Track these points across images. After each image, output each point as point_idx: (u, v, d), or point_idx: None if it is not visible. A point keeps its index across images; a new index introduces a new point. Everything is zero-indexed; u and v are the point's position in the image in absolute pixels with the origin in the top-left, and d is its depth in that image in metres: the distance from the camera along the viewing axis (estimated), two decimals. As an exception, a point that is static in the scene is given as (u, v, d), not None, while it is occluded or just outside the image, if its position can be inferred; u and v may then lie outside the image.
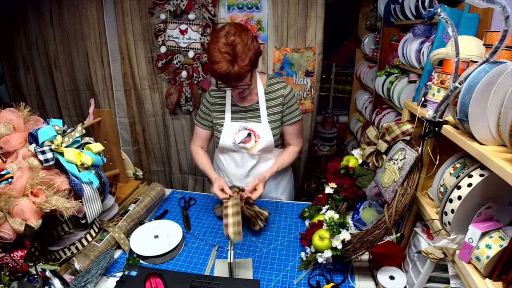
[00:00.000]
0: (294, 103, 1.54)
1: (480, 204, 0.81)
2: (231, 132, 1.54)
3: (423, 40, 1.70)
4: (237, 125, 1.53)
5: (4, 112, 1.09)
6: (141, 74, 2.49)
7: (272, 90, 1.51)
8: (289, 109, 1.54)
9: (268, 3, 2.19)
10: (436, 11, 0.84)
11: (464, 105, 0.80)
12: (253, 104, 1.52)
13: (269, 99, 1.51)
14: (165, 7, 2.26)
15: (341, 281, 1.18)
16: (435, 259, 0.94)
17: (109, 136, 1.52)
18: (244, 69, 1.28)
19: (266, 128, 1.52)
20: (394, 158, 1.16)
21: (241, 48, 1.27)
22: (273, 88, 1.52)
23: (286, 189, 1.75)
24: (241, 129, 1.53)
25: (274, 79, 1.54)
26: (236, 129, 1.54)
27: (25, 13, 2.46)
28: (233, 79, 1.31)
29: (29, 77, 2.69)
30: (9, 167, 0.99)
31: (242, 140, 1.53)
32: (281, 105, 1.52)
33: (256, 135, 1.53)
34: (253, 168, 1.61)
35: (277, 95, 1.51)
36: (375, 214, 1.30)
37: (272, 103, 1.52)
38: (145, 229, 1.38)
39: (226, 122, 1.54)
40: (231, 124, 1.54)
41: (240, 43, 1.27)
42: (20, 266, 0.99)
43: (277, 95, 1.51)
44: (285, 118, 1.55)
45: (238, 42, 1.26)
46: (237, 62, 1.27)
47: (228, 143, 1.56)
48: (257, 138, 1.53)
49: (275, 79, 1.54)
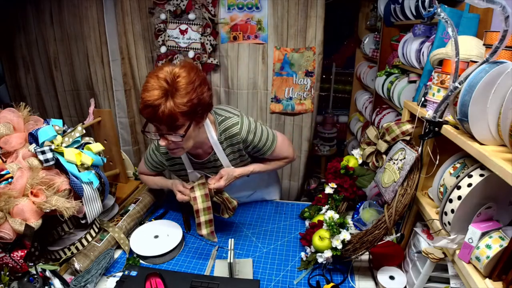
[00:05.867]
0: (258, 140, 1.28)
1: (480, 204, 0.81)
2: (197, 176, 1.34)
3: (423, 40, 1.69)
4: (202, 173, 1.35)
5: (4, 112, 1.09)
6: (141, 74, 2.49)
7: (227, 137, 1.26)
8: (256, 148, 1.31)
9: (268, 3, 2.19)
10: (436, 11, 0.84)
11: (464, 105, 0.80)
12: (211, 156, 1.31)
13: (226, 146, 1.29)
14: (165, 7, 2.26)
15: (341, 281, 1.18)
16: (435, 259, 0.94)
17: (109, 136, 1.52)
18: (180, 108, 1.00)
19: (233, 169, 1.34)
20: (394, 158, 1.16)
21: (184, 85, 1.01)
22: (227, 134, 1.26)
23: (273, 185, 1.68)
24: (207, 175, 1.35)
25: (225, 122, 1.25)
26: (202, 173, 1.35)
27: (25, 13, 2.46)
28: (163, 119, 1.01)
29: (29, 77, 2.69)
30: (9, 167, 0.99)
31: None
32: (242, 150, 1.30)
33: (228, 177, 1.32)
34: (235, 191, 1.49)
35: (233, 142, 1.28)
36: (375, 214, 1.30)
37: (231, 149, 1.30)
38: (145, 229, 1.38)
39: (189, 172, 1.37)
40: (195, 172, 1.37)
41: (185, 77, 1.02)
42: (20, 266, 0.99)
43: (234, 141, 1.27)
44: (257, 154, 1.35)
45: (184, 76, 1.02)
46: (173, 96, 1.00)
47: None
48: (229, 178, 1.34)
49: (227, 121, 1.25)
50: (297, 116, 2.46)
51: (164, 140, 1.09)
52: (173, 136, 1.07)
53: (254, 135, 1.28)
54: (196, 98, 1.03)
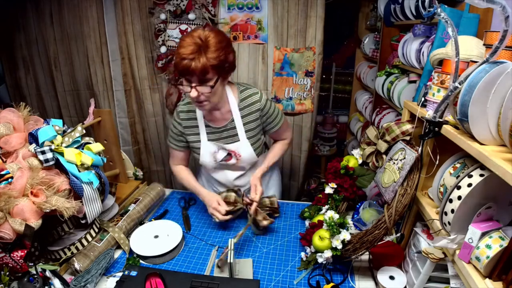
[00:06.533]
0: (273, 111, 1.44)
1: (480, 204, 0.81)
2: (210, 152, 1.45)
3: (423, 40, 1.69)
4: (215, 145, 1.44)
5: (4, 112, 1.09)
6: (141, 74, 2.49)
7: (246, 105, 1.40)
8: (269, 119, 1.45)
9: (268, 3, 2.19)
10: (436, 11, 0.84)
11: (464, 105, 0.80)
12: (228, 123, 1.41)
13: (245, 115, 1.40)
14: (165, 7, 2.26)
15: (341, 281, 1.18)
16: (435, 259, 0.94)
17: (109, 136, 1.52)
18: (210, 62, 1.15)
19: (246, 146, 1.44)
20: (394, 158, 1.16)
21: (214, 43, 1.17)
22: (247, 102, 1.39)
23: (274, 185, 1.72)
24: (220, 149, 1.45)
25: (247, 91, 1.40)
26: (215, 149, 1.45)
27: (25, 13, 2.46)
28: (196, 72, 1.16)
29: (29, 77, 2.69)
30: (9, 167, 0.99)
31: (223, 159, 1.47)
32: (259, 119, 1.43)
33: (236, 154, 1.45)
34: (239, 178, 1.56)
35: (253, 109, 1.40)
36: (375, 214, 1.30)
37: (248, 118, 1.41)
38: (145, 229, 1.38)
39: (203, 143, 1.45)
40: (208, 144, 1.44)
41: (215, 37, 1.18)
42: (20, 266, 0.99)
43: (253, 109, 1.40)
44: (268, 127, 1.48)
45: (213, 36, 1.18)
46: (206, 52, 1.15)
47: (208, 163, 1.49)
48: (238, 157, 1.46)
49: (248, 91, 1.40)
50: (297, 116, 2.46)
51: (195, 91, 1.22)
52: (203, 87, 1.22)
53: (270, 105, 1.44)
54: (224, 55, 1.19)
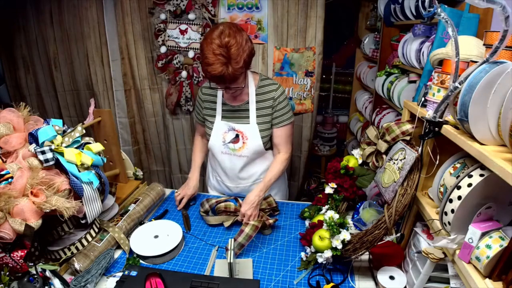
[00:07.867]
0: (284, 106, 1.51)
1: (480, 204, 0.81)
2: (221, 131, 1.53)
3: (423, 40, 1.70)
4: (227, 124, 1.52)
5: (4, 112, 1.09)
6: (141, 74, 2.49)
7: (263, 92, 1.49)
8: (279, 112, 1.51)
9: (268, 3, 2.19)
10: (436, 11, 0.84)
11: (464, 105, 0.80)
12: (243, 104, 1.50)
13: (259, 100, 1.49)
14: (165, 7, 2.26)
15: (341, 281, 1.18)
16: (435, 259, 0.94)
17: (109, 136, 1.52)
18: (238, 71, 1.28)
19: (254, 130, 1.49)
20: (394, 158, 1.16)
21: (236, 50, 1.25)
22: (264, 89, 1.49)
23: (280, 189, 1.73)
24: (230, 129, 1.52)
25: (267, 80, 1.51)
26: (225, 129, 1.53)
27: (25, 13, 2.46)
28: (227, 81, 1.31)
29: (29, 77, 2.69)
30: (9, 167, 0.99)
31: (230, 140, 1.53)
32: (271, 107, 1.49)
33: (244, 137, 1.51)
34: (244, 169, 1.59)
35: (267, 97, 1.48)
36: (375, 214, 1.30)
37: (262, 104, 1.49)
38: (145, 229, 1.38)
39: (217, 121, 1.54)
40: (221, 123, 1.53)
41: (235, 44, 1.25)
42: (20, 266, 0.99)
43: (268, 96, 1.48)
44: (275, 120, 1.52)
45: (233, 44, 1.25)
46: (231, 64, 1.26)
47: (217, 142, 1.55)
48: (245, 140, 1.51)
49: (268, 80, 1.51)
50: (297, 116, 2.46)
51: (228, 91, 1.40)
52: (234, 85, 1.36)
53: (284, 98, 1.51)
54: (246, 55, 1.30)
